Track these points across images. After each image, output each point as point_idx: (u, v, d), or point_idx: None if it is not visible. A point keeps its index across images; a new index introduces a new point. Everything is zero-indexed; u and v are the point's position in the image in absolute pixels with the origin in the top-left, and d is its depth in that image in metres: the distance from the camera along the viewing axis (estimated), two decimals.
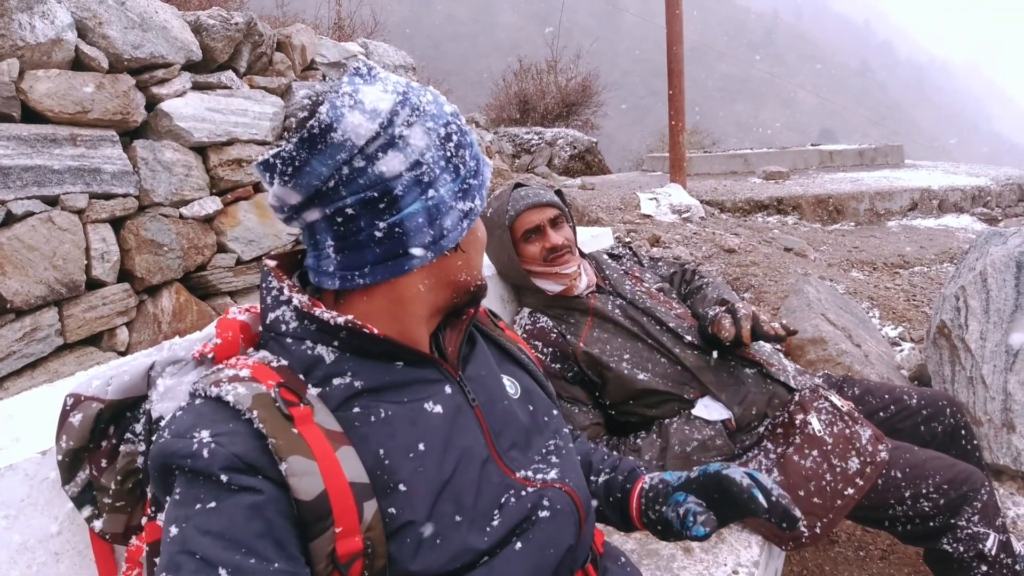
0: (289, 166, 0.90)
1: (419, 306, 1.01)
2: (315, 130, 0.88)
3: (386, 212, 0.92)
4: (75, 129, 3.57)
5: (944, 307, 2.88)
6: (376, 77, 0.95)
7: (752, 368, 1.98)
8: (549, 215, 2.02)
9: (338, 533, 0.84)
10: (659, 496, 1.17)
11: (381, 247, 0.93)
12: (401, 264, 0.95)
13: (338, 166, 0.89)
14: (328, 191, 0.90)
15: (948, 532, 1.76)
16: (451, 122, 0.97)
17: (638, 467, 1.30)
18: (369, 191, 0.90)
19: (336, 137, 0.88)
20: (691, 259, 5.10)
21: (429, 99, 0.96)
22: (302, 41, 5.29)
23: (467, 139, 0.99)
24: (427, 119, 0.94)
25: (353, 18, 11.62)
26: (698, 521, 1.05)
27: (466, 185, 0.98)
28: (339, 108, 0.89)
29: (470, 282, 1.06)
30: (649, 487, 1.21)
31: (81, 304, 3.56)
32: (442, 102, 0.98)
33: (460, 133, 0.98)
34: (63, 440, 0.96)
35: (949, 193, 8.34)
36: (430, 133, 0.93)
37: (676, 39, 7.86)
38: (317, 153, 0.89)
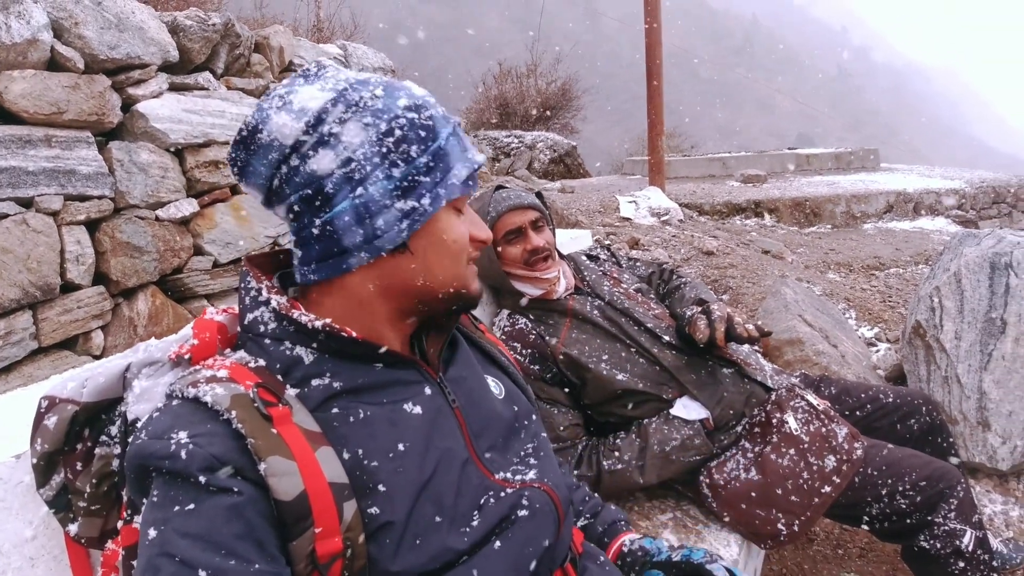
0: (235, 167, 0.95)
1: (376, 307, 0.99)
2: (244, 132, 0.93)
3: (320, 210, 0.92)
4: (50, 130, 3.52)
5: (919, 308, 2.91)
6: (320, 76, 0.96)
7: (730, 368, 1.99)
8: (530, 217, 2.02)
9: (318, 533, 0.83)
10: (636, 564, 1.20)
11: (319, 244, 0.94)
12: (339, 263, 0.95)
13: (275, 165, 0.92)
14: (276, 189, 0.94)
15: (925, 529, 1.78)
16: (399, 116, 0.94)
17: (619, 521, 1.32)
18: (304, 189, 0.92)
19: (263, 138, 0.91)
20: (670, 261, 5.13)
21: (378, 94, 0.94)
22: (280, 43, 5.27)
23: (418, 133, 0.95)
24: (366, 115, 0.92)
25: (332, 20, 11.58)
26: None
27: (408, 183, 0.94)
28: (265, 110, 0.92)
29: (434, 288, 1.00)
30: (628, 551, 1.23)
31: (56, 307, 3.51)
32: (398, 96, 0.96)
33: (410, 127, 0.94)
34: (38, 443, 0.95)
35: (924, 196, 8.46)
36: (367, 129, 0.92)
37: (655, 43, 7.90)
38: (252, 154, 0.93)
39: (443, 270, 1.00)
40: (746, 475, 1.83)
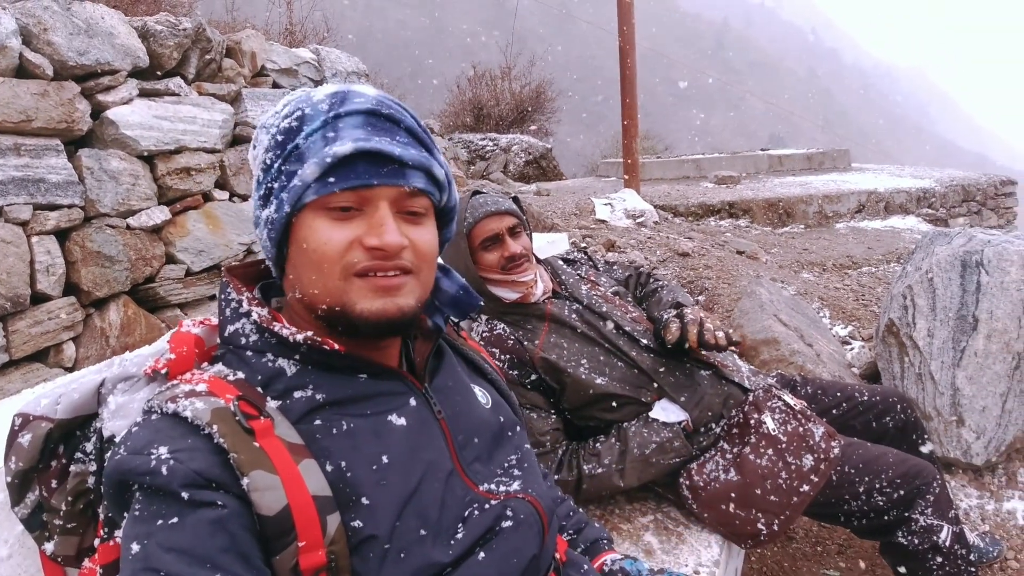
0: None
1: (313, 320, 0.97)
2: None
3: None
4: (18, 138, 3.47)
5: (892, 306, 2.95)
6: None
7: (707, 370, 2.01)
8: (508, 224, 2.01)
9: (301, 547, 0.82)
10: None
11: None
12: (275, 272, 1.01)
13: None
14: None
15: (903, 525, 1.80)
16: (277, 124, 0.94)
17: (601, 539, 1.32)
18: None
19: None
20: (646, 263, 5.15)
21: (278, 110, 0.97)
22: (252, 47, 5.23)
23: (276, 139, 0.93)
24: (263, 133, 0.97)
25: (304, 24, 11.50)
26: None
27: (264, 190, 0.94)
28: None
29: (312, 303, 0.93)
30: (608, 571, 1.24)
31: (26, 319, 3.45)
32: (281, 108, 0.97)
33: (276, 133, 0.93)
34: (12, 461, 0.94)
35: (895, 195, 8.58)
36: (261, 145, 0.96)
37: (628, 47, 7.94)
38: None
39: (311, 283, 0.92)
40: (725, 476, 1.85)
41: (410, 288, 0.94)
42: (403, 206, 0.93)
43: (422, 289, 0.97)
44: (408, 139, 0.94)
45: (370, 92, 0.95)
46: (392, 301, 0.92)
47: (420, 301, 0.97)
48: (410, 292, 0.94)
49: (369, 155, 0.89)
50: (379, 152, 0.89)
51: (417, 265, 0.94)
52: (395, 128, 0.93)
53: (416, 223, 0.95)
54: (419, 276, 0.95)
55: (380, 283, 0.91)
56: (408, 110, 0.97)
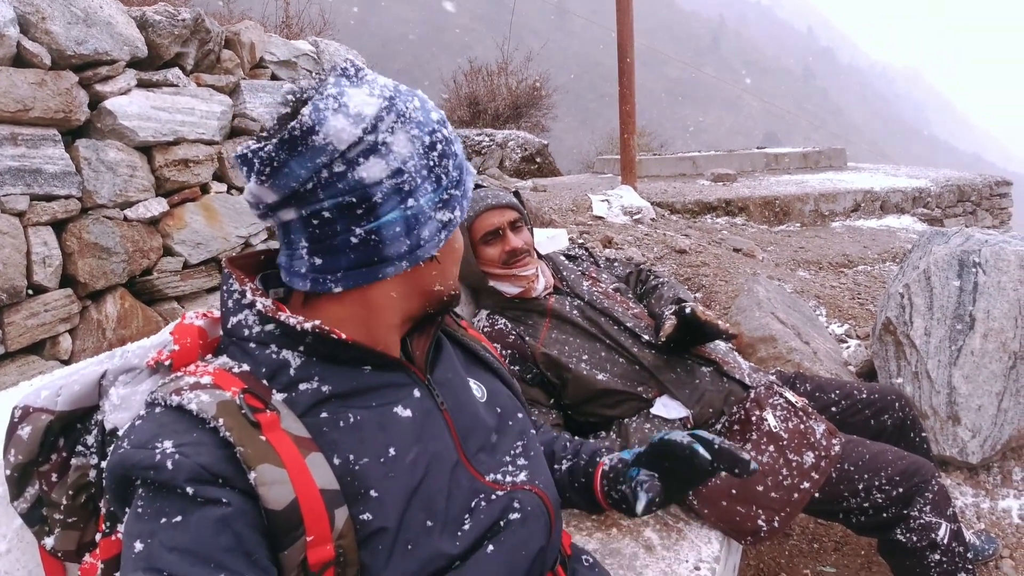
0: (267, 166, 0.88)
1: (390, 313, 0.99)
2: (296, 132, 0.86)
3: (363, 219, 0.90)
4: (15, 128, 3.44)
5: (889, 305, 2.96)
6: (363, 79, 0.93)
7: (708, 366, 2.01)
8: (509, 217, 2.02)
9: (309, 542, 0.82)
10: (619, 476, 1.20)
11: (356, 253, 0.92)
12: (375, 271, 0.93)
13: (317, 169, 0.87)
14: (305, 193, 0.89)
15: (901, 523, 1.81)
16: (437, 130, 0.95)
17: (600, 449, 1.32)
18: (347, 196, 0.88)
19: (317, 140, 0.86)
20: (643, 260, 5.16)
21: (416, 105, 0.93)
22: (251, 39, 5.20)
23: (452, 148, 0.97)
24: (412, 126, 0.92)
25: (301, 16, 11.45)
26: (643, 488, 1.10)
27: (447, 195, 0.96)
28: (323, 111, 0.87)
29: (444, 292, 1.03)
30: (610, 468, 1.23)
31: (22, 311, 3.42)
32: (429, 108, 0.96)
33: (445, 142, 0.95)
34: (11, 454, 0.92)
35: (891, 195, 8.60)
36: (414, 141, 0.91)
37: (627, 45, 7.93)
38: (297, 155, 0.87)
39: (452, 275, 1.05)
40: None
41: None
42: None
43: None
44: None
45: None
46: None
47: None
48: None
49: None
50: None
51: None
52: None
53: None
54: None
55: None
56: None
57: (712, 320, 1.91)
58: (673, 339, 1.94)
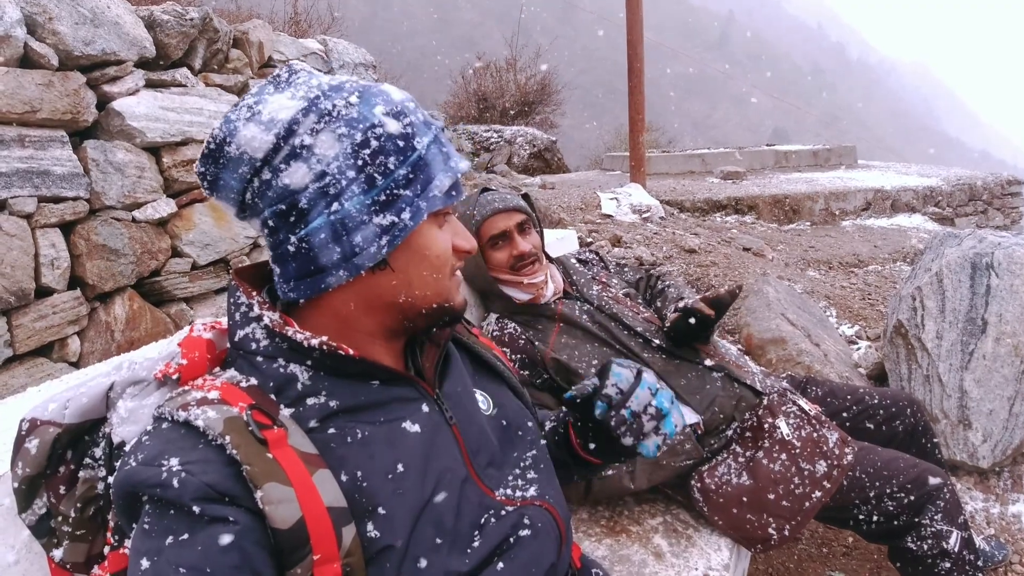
0: (204, 180, 0.91)
1: (360, 326, 0.96)
2: (211, 145, 0.88)
3: (296, 226, 0.88)
4: (23, 129, 3.45)
5: (901, 307, 2.94)
6: (291, 83, 0.91)
7: (719, 372, 1.99)
8: (516, 220, 2.00)
9: (316, 560, 0.81)
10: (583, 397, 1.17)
11: (296, 262, 0.90)
12: (317, 282, 0.91)
13: (247, 179, 0.88)
14: (249, 203, 0.90)
15: (912, 531, 1.79)
16: (375, 125, 0.88)
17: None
18: (278, 204, 0.88)
19: (232, 151, 0.87)
20: (652, 259, 5.14)
21: (352, 101, 0.89)
22: (259, 38, 5.20)
23: (396, 144, 0.90)
24: (340, 124, 0.87)
25: (310, 13, 11.45)
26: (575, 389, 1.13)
27: (385, 196, 0.89)
28: (233, 122, 0.88)
29: (417, 304, 0.97)
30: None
31: (31, 313, 3.43)
32: (375, 103, 0.90)
33: (386, 137, 0.89)
34: (19, 467, 0.92)
35: (901, 193, 8.54)
36: (341, 140, 0.87)
37: (636, 40, 7.90)
38: (222, 168, 0.88)
39: (425, 285, 0.96)
40: (737, 480, 1.84)
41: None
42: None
43: None
44: None
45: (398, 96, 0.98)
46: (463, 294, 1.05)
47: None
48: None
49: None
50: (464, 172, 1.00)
51: None
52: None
53: None
54: None
55: (458, 277, 1.04)
56: None
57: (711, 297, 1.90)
58: (678, 329, 1.93)
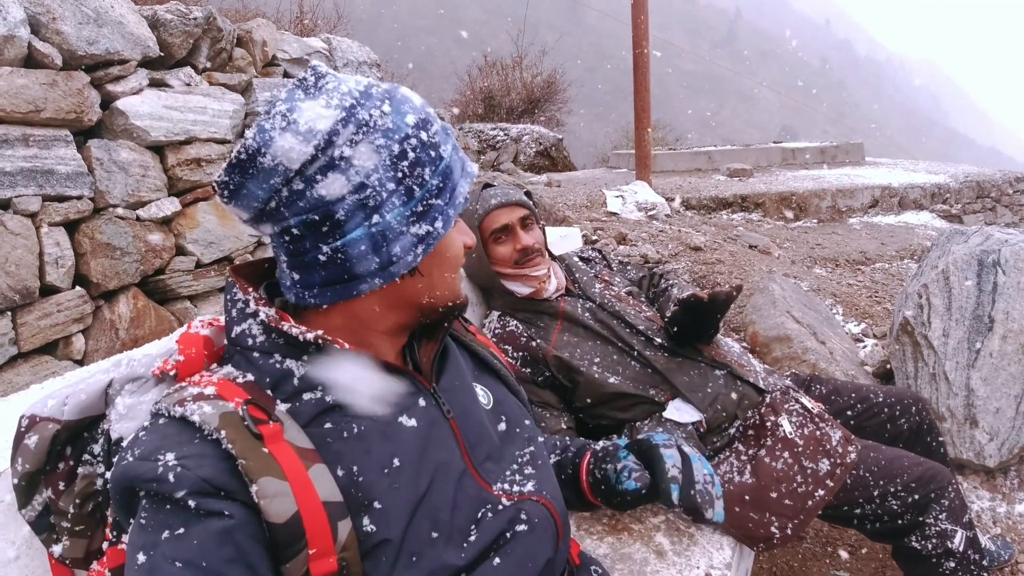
0: (225, 189, 0.87)
1: (378, 324, 0.98)
2: (243, 156, 0.85)
3: (329, 236, 0.88)
4: (27, 129, 3.46)
5: (907, 304, 2.92)
6: (322, 89, 0.88)
7: (722, 370, 1.98)
8: (518, 215, 2.00)
9: (311, 554, 0.81)
10: (607, 456, 1.21)
11: (326, 271, 0.90)
12: (349, 289, 0.91)
13: (276, 189, 0.85)
14: (271, 211, 0.88)
15: (916, 530, 1.78)
16: (410, 136, 0.89)
17: (588, 443, 1.31)
18: (310, 214, 0.86)
19: (266, 162, 0.84)
20: (658, 257, 5.12)
21: (385, 111, 0.88)
22: (263, 36, 5.21)
23: (429, 154, 0.90)
24: (377, 136, 0.87)
25: (315, 12, 11.47)
26: (632, 476, 1.11)
27: (422, 207, 0.90)
28: (268, 131, 0.84)
29: (436, 303, 1.00)
30: (600, 448, 1.24)
31: (35, 311, 3.45)
32: (405, 111, 0.90)
33: (421, 148, 0.89)
34: (18, 463, 0.93)
35: (909, 191, 8.50)
36: (380, 152, 0.86)
37: (642, 37, 7.88)
38: (250, 177, 0.86)
39: (446, 286, 1.00)
40: (740, 478, 1.83)
41: None
42: None
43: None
44: None
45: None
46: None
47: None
48: None
49: None
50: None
51: None
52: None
53: None
54: None
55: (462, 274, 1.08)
56: None
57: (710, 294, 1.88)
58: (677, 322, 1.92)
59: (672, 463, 1.12)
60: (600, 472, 1.19)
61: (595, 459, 1.23)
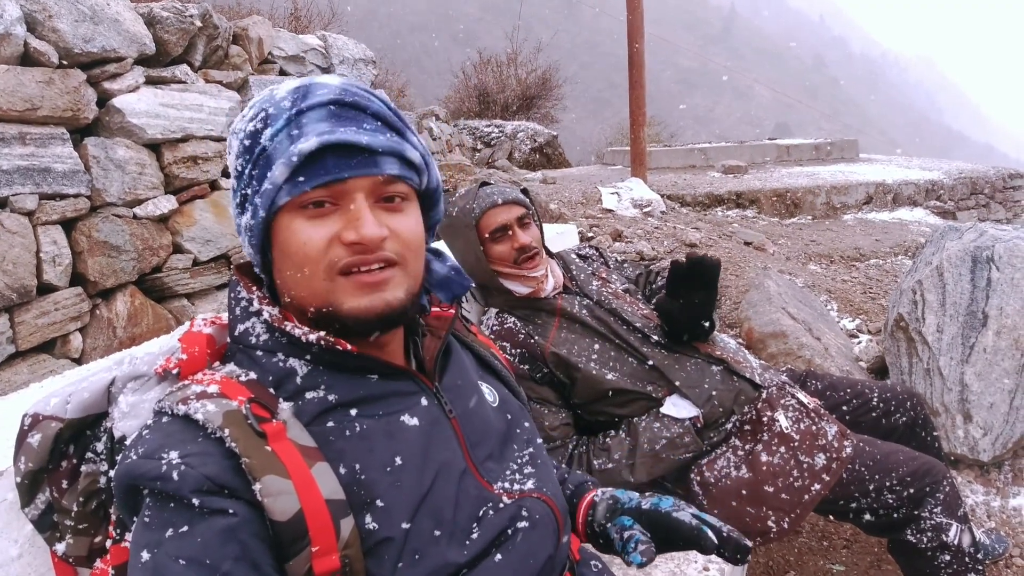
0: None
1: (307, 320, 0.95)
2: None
3: None
4: (24, 127, 3.45)
5: (901, 301, 2.94)
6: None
7: (718, 365, 2.00)
8: (516, 214, 2.00)
9: (314, 552, 0.82)
10: (607, 511, 1.16)
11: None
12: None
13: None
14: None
15: (912, 523, 1.80)
16: (242, 129, 0.92)
17: (586, 481, 1.30)
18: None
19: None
20: (653, 254, 5.14)
21: (244, 114, 0.94)
22: (259, 34, 5.20)
23: (243, 144, 0.91)
24: (233, 139, 0.94)
25: (310, 8, 11.44)
26: (638, 549, 1.04)
27: (239, 197, 0.93)
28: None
29: (302, 305, 0.92)
30: (600, 500, 1.20)
31: (32, 310, 3.45)
32: (247, 110, 0.94)
33: (243, 138, 0.91)
34: (21, 461, 0.93)
35: (903, 187, 8.53)
36: (232, 151, 0.94)
37: (637, 34, 7.89)
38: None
39: (297, 284, 0.91)
40: (736, 473, 1.84)
41: (397, 281, 0.92)
42: (380, 195, 0.91)
43: (411, 280, 0.94)
44: (375, 124, 0.91)
45: (334, 82, 0.92)
46: (379, 296, 0.90)
47: (411, 293, 0.94)
48: (398, 285, 0.92)
49: (337, 148, 0.86)
50: (346, 143, 0.86)
51: (402, 255, 0.92)
52: (361, 115, 0.90)
53: (396, 210, 0.92)
54: (406, 267, 0.93)
55: (365, 280, 0.89)
56: (375, 94, 0.94)
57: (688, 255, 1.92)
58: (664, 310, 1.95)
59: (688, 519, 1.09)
60: (599, 527, 1.15)
61: (594, 510, 1.18)
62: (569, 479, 1.31)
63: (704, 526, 1.05)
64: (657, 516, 1.10)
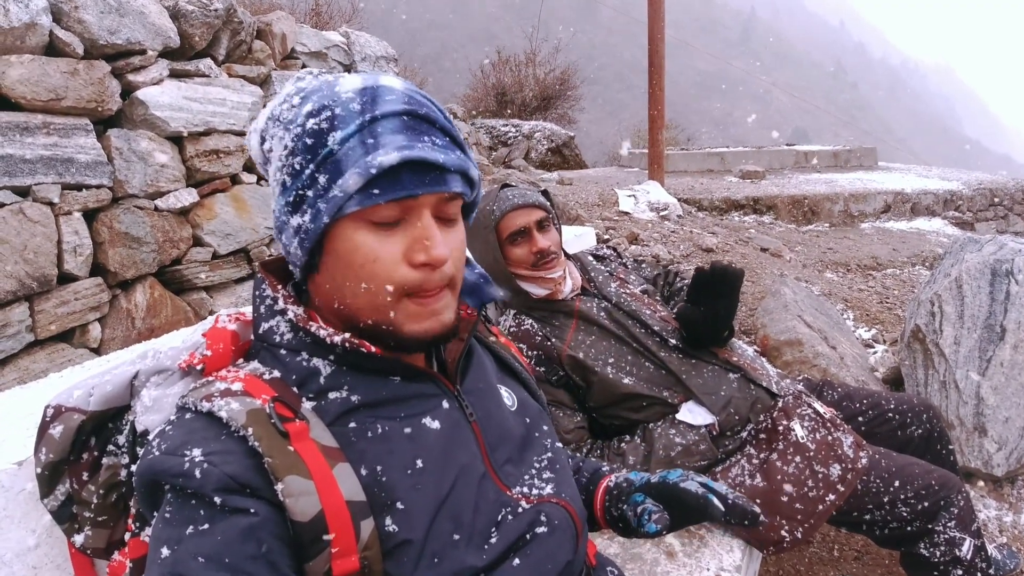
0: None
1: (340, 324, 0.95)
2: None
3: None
4: (48, 117, 3.48)
5: (919, 312, 2.92)
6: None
7: (735, 373, 1.99)
8: (536, 217, 2.00)
9: (334, 553, 0.82)
10: (622, 495, 1.18)
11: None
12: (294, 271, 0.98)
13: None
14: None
15: (925, 537, 1.79)
16: (299, 124, 0.87)
17: (601, 468, 1.30)
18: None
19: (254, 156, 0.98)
20: (669, 257, 5.13)
21: (295, 103, 0.90)
22: (283, 29, 5.22)
23: (304, 142, 0.87)
24: (280, 128, 0.90)
25: (331, 5, 11.48)
26: (652, 519, 1.07)
27: (294, 196, 0.88)
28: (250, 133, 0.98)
29: (354, 315, 0.91)
30: (614, 486, 1.22)
31: (52, 299, 3.48)
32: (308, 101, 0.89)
33: (301, 135, 0.87)
34: (42, 452, 0.93)
35: (922, 196, 8.47)
36: (280, 143, 0.90)
37: (657, 36, 7.86)
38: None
39: (355, 296, 0.90)
40: (751, 481, 1.84)
41: (449, 302, 0.93)
42: (441, 212, 0.91)
43: (456, 298, 0.96)
44: (445, 140, 0.90)
45: (398, 86, 0.91)
46: (437, 320, 0.92)
47: (456, 311, 0.96)
48: (449, 307, 0.94)
49: (412, 163, 0.85)
50: (424, 160, 0.85)
51: (455, 276, 0.93)
52: (432, 129, 0.89)
53: (451, 227, 0.93)
54: (456, 288, 0.94)
55: (430, 306, 0.91)
56: (437, 106, 0.93)
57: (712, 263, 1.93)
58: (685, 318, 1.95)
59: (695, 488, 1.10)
60: (616, 511, 1.18)
61: (611, 497, 1.20)
62: (584, 467, 1.32)
63: (711, 494, 1.08)
64: (665, 488, 1.13)
